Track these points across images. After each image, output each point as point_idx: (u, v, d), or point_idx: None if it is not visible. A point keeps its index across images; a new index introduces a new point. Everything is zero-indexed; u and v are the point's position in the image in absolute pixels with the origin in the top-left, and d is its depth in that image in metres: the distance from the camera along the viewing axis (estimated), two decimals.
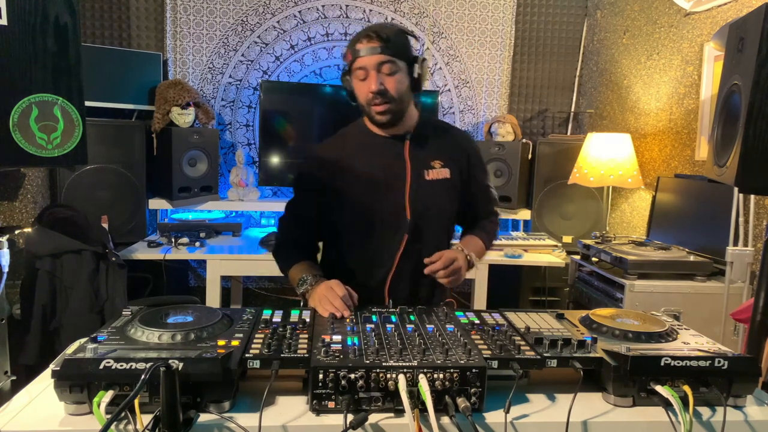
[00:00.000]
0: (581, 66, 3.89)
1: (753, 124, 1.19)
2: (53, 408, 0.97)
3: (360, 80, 1.52)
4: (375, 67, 1.49)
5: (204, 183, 3.32)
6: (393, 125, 1.59)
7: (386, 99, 1.51)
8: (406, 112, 1.60)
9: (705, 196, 2.57)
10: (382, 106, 1.52)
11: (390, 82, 1.51)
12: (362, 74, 1.51)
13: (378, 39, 1.48)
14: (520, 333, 1.17)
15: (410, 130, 1.63)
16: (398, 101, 1.54)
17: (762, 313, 1.39)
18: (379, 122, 1.57)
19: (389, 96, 1.51)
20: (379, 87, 1.49)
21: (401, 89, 1.54)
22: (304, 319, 1.22)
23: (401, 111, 1.57)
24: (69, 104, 1.11)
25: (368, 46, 1.48)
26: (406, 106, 1.59)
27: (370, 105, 1.53)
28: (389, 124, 1.58)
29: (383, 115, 1.54)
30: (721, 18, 2.56)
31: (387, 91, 1.51)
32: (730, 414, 1.02)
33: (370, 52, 1.48)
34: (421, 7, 3.72)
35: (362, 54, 1.49)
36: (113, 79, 3.24)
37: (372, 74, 1.49)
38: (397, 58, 1.51)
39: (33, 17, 1.05)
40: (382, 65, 1.49)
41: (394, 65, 1.51)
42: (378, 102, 1.51)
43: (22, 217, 2.92)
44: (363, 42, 1.49)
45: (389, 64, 1.50)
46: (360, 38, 1.50)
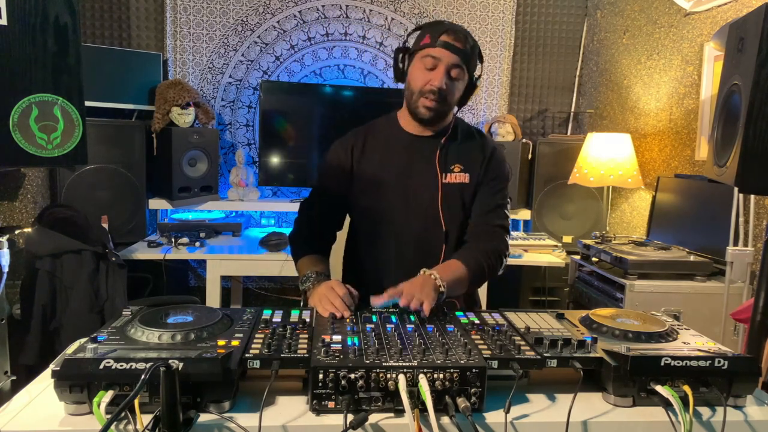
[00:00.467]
0: (581, 66, 3.89)
1: (753, 124, 1.19)
2: (53, 408, 0.96)
3: (426, 68, 1.51)
4: (448, 64, 1.49)
5: (204, 183, 3.32)
6: (429, 124, 1.59)
7: (441, 99, 1.51)
8: (446, 117, 1.62)
9: (705, 196, 2.57)
10: (434, 103, 1.52)
11: (452, 87, 1.52)
12: (431, 63, 1.50)
13: (465, 42, 1.49)
14: (520, 333, 1.17)
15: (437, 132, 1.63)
16: (448, 106, 1.56)
17: (762, 313, 1.39)
18: (420, 115, 1.56)
19: (444, 98, 1.52)
20: (443, 86, 1.49)
21: (456, 97, 1.56)
22: (304, 319, 1.22)
23: (444, 115, 1.59)
24: (69, 104, 1.11)
25: (454, 43, 1.48)
26: (448, 112, 1.61)
27: (421, 95, 1.52)
28: (427, 122, 1.58)
29: (429, 111, 1.54)
30: (721, 18, 2.56)
31: (446, 92, 1.51)
32: (730, 414, 1.02)
33: (453, 49, 1.48)
34: (421, 7, 3.72)
35: (444, 47, 1.47)
36: (113, 79, 3.24)
37: (442, 69, 1.49)
38: (467, 68, 1.53)
39: (33, 17, 1.05)
40: (454, 68, 1.50)
41: (462, 73, 1.52)
42: (432, 98, 1.51)
43: (22, 217, 2.92)
44: (449, 35, 1.48)
45: (460, 71, 1.51)
46: (447, 30, 1.49)
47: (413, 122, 1.61)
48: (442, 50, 1.48)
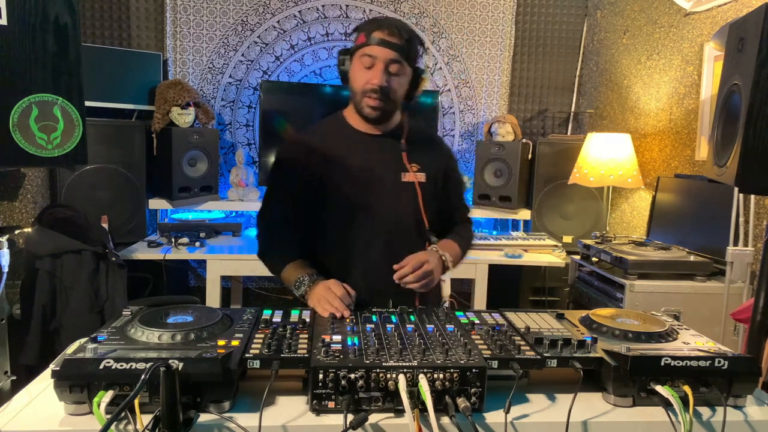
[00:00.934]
0: (581, 66, 3.89)
1: (753, 124, 1.19)
2: (53, 408, 0.97)
3: (364, 67, 1.49)
4: (385, 61, 1.47)
5: (204, 183, 3.32)
6: (377, 123, 1.57)
7: (383, 96, 1.49)
8: (393, 114, 1.59)
9: (705, 196, 2.57)
10: (377, 102, 1.50)
11: (393, 83, 1.50)
12: (369, 62, 1.48)
13: (399, 36, 1.46)
14: (520, 333, 1.17)
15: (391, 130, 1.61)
16: (393, 103, 1.53)
17: (762, 313, 1.39)
18: (366, 115, 1.54)
19: (388, 95, 1.50)
20: (383, 83, 1.47)
21: (400, 92, 1.53)
22: (304, 319, 1.22)
23: (391, 112, 1.57)
24: (69, 104, 1.11)
25: (388, 39, 1.46)
26: (395, 109, 1.58)
27: (364, 95, 1.50)
28: (374, 121, 1.56)
29: (374, 110, 1.52)
30: (721, 18, 2.56)
31: (388, 89, 1.49)
32: (730, 414, 1.02)
33: (387, 45, 1.45)
34: (421, 7, 3.72)
35: (378, 44, 1.46)
36: (113, 79, 3.24)
37: (379, 67, 1.47)
38: (407, 62, 1.50)
39: (33, 17, 1.05)
40: (392, 63, 1.47)
41: (402, 68, 1.49)
42: (375, 97, 1.49)
43: (22, 217, 2.92)
44: (383, 32, 1.46)
45: (399, 65, 1.48)
46: (381, 26, 1.47)
47: (365, 123, 1.59)
48: (377, 47, 1.45)
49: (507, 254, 3.04)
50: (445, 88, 3.83)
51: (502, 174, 3.46)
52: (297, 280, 1.48)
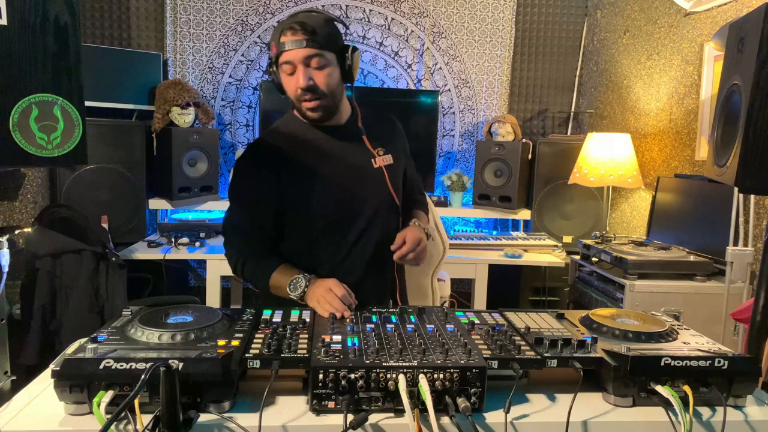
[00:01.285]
0: (581, 66, 3.89)
1: (753, 124, 1.19)
2: (53, 408, 0.96)
3: (287, 75, 1.45)
4: (302, 61, 1.41)
5: (204, 183, 3.32)
6: (326, 120, 1.53)
7: (317, 95, 1.44)
8: (339, 105, 1.54)
9: (705, 196, 2.57)
10: (313, 102, 1.46)
11: (319, 77, 1.43)
12: (289, 69, 1.43)
13: (303, 31, 1.39)
14: (520, 333, 1.17)
15: (347, 120, 1.58)
16: (330, 96, 1.47)
17: (762, 313, 1.39)
18: (310, 118, 1.51)
19: (320, 91, 1.44)
20: (308, 83, 1.42)
21: (332, 83, 1.46)
22: (304, 319, 1.22)
23: (334, 105, 1.51)
24: (69, 104, 1.11)
25: (293, 39, 1.39)
26: (338, 100, 1.52)
27: (300, 101, 1.47)
28: (321, 120, 1.52)
29: (314, 112, 1.48)
30: (721, 18, 2.56)
31: (317, 86, 1.43)
32: (730, 414, 1.02)
33: (296, 45, 1.39)
34: (421, 7, 3.72)
35: (288, 47, 1.40)
36: (113, 79, 3.24)
37: (300, 69, 1.42)
38: (325, 50, 1.42)
39: (33, 17, 1.05)
40: (310, 59, 1.41)
41: (322, 58, 1.42)
42: (308, 98, 1.45)
43: (22, 217, 2.92)
44: (287, 34, 1.40)
45: (318, 58, 1.42)
46: (284, 30, 1.41)
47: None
48: (290, 51, 1.40)
49: (507, 254, 3.04)
50: (445, 88, 3.83)
51: (502, 174, 3.46)
52: (291, 282, 1.41)
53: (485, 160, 3.50)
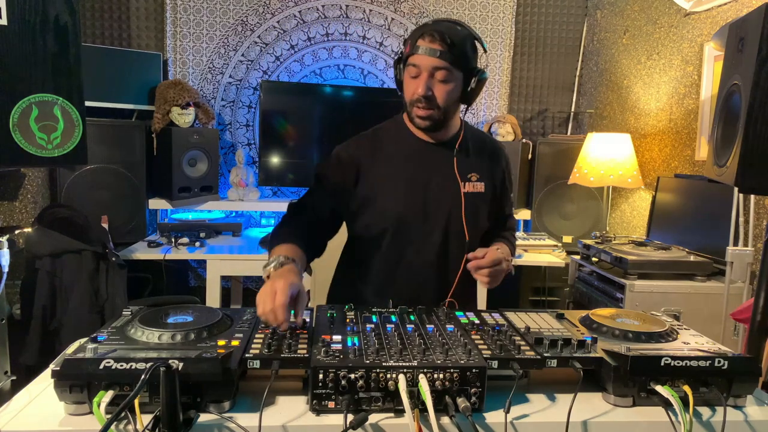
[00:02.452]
0: (581, 66, 3.89)
1: (753, 124, 1.19)
2: (53, 408, 0.97)
3: (411, 77, 1.45)
4: (429, 70, 1.42)
5: (204, 183, 3.32)
6: (433, 131, 1.53)
7: (431, 106, 1.45)
8: (449, 122, 1.54)
9: (705, 196, 2.57)
10: (425, 111, 1.46)
11: (440, 90, 1.44)
12: (414, 72, 1.44)
13: (441, 41, 1.40)
14: (520, 333, 1.17)
15: (450, 138, 1.57)
16: (443, 111, 1.47)
17: (762, 313, 1.39)
18: (417, 125, 1.51)
19: (435, 104, 1.45)
20: (427, 93, 1.43)
21: (450, 100, 1.46)
22: (304, 319, 1.22)
23: (444, 121, 1.51)
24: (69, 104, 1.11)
25: (429, 47, 1.40)
26: (450, 117, 1.52)
27: (413, 105, 1.47)
28: (428, 130, 1.52)
29: (424, 120, 1.48)
30: (721, 18, 2.56)
31: (434, 98, 1.44)
32: (730, 414, 1.02)
33: (428, 53, 1.40)
34: (421, 7, 3.72)
35: (420, 52, 1.41)
36: (113, 79, 3.24)
37: (424, 76, 1.42)
38: (454, 66, 1.43)
39: (33, 17, 1.05)
40: (437, 70, 1.42)
41: (449, 74, 1.43)
42: (422, 106, 1.45)
43: (22, 217, 2.92)
44: (425, 39, 1.41)
45: (444, 71, 1.42)
46: (423, 34, 1.41)
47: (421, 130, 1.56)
48: (421, 56, 1.41)
49: None
50: None
51: None
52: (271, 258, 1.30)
53: None
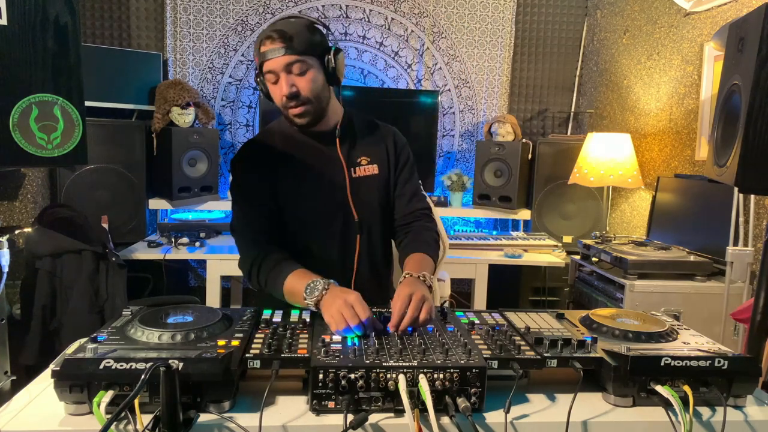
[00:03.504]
0: (581, 66, 3.89)
1: (753, 124, 1.19)
2: (53, 408, 0.96)
3: (272, 83, 1.45)
4: (283, 69, 1.41)
5: (204, 183, 3.32)
6: (314, 125, 1.52)
7: (301, 101, 1.45)
8: (326, 109, 1.53)
9: (705, 196, 2.57)
10: (298, 108, 1.45)
11: (302, 82, 1.43)
12: (273, 78, 1.44)
13: (281, 39, 1.39)
14: (520, 333, 1.17)
15: (335, 125, 1.56)
16: (315, 101, 1.47)
17: (762, 313, 1.39)
18: (298, 124, 1.50)
19: (303, 98, 1.44)
20: (291, 90, 1.42)
21: (316, 88, 1.46)
22: (304, 319, 1.22)
23: (321, 110, 1.50)
24: (69, 104, 1.11)
25: (272, 48, 1.40)
26: (325, 103, 1.51)
27: (286, 108, 1.47)
28: (310, 125, 1.51)
29: (301, 118, 1.48)
30: (721, 18, 2.56)
31: (300, 92, 1.43)
32: (730, 414, 1.02)
33: (275, 54, 1.40)
34: (421, 7, 3.72)
35: (268, 57, 1.40)
36: (113, 79, 3.25)
37: (282, 77, 1.42)
38: (305, 55, 1.42)
39: (33, 17, 1.05)
40: (291, 66, 1.41)
41: (303, 64, 1.42)
42: (293, 105, 1.45)
43: (22, 217, 2.92)
44: (267, 44, 1.41)
45: (298, 64, 1.42)
46: (263, 39, 1.42)
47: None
48: (270, 61, 1.41)
49: (507, 254, 3.04)
50: (445, 88, 3.83)
51: (502, 174, 3.46)
52: (308, 286, 1.29)
53: (485, 160, 3.50)
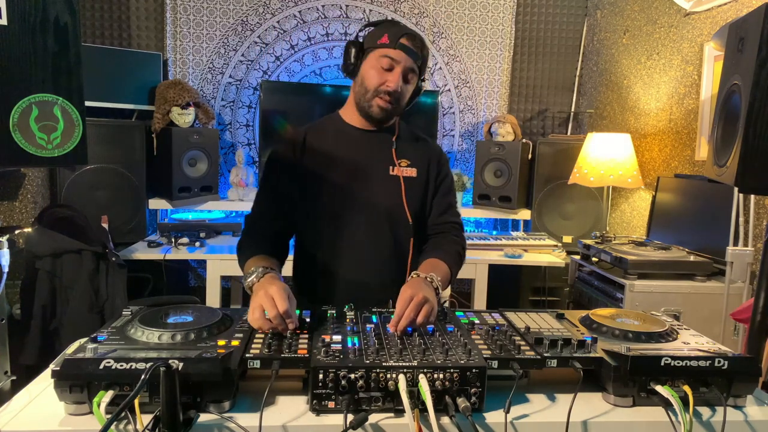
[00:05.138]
0: (581, 66, 3.89)
1: (753, 124, 1.19)
2: (53, 408, 0.96)
3: (382, 68, 1.50)
4: (405, 69, 1.50)
5: (204, 183, 3.32)
6: (380, 123, 1.59)
7: (394, 100, 1.52)
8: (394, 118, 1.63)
9: (705, 196, 2.57)
10: (388, 104, 1.52)
11: (406, 89, 1.54)
12: (387, 64, 1.49)
13: (420, 46, 1.51)
14: (520, 333, 1.17)
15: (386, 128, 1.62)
16: (399, 108, 1.56)
17: (762, 313, 1.39)
18: (374, 115, 1.55)
19: (398, 100, 1.53)
20: (398, 89, 1.50)
21: (406, 98, 1.57)
22: (304, 319, 1.22)
23: (394, 116, 1.60)
24: (69, 104, 1.11)
25: (412, 47, 1.49)
26: (399, 114, 1.61)
27: (376, 95, 1.51)
28: (378, 121, 1.57)
29: (382, 111, 1.54)
30: (721, 18, 2.56)
31: (400, 95, 1.52)
32: (730, 414, 1.02)
33: (410, 53, 1.49)
34: (421, 7, 3.72)
35: (403, 49, 1.48)
36: (113, 79, 3.24)
37: (398, 72, 1.49)
38: (418, 73, 1.55)
39: (33, 17, 1.05)
40: (410, 70, 1.51)
41: (414, 77, 1.54)
42: (388, 99, 1.51)
43: (22, 217, 2.92)
44: (409, 39, 1.49)
45: (414, 74, 1.53)
46: (406, 33, 1.50)
47: (361, 119, 1.59)
48: (401, 53, 1.48)
49: (507, 254, 3.04)
50: (445, 88, 3.83)
51: (502, 174, 3.46)
52: (249, 271, 1.34)
53: (485, 160, 3.50)
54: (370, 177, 1.58)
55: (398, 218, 1.57)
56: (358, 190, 1.57)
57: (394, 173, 1.59)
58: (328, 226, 1.58)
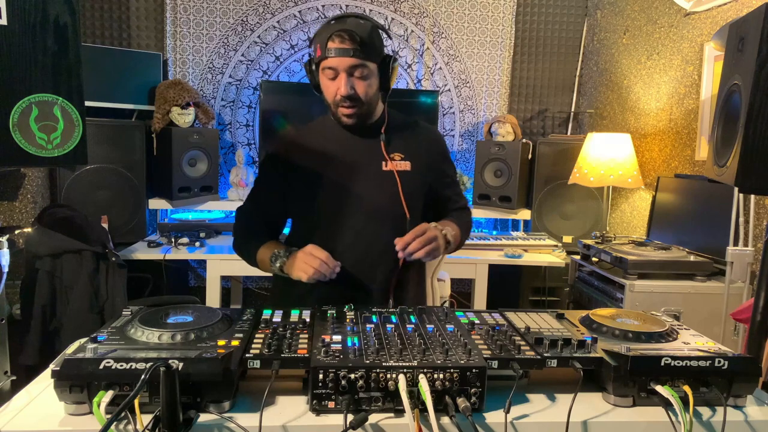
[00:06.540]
0: (581, 66, 3.89)
1: (753, 124, 1.19)
2: (53, 408, 0.96)
3: (329, 79, 1.48)
4: (346, 70, 1.44)
5: (204, 183, 3.32)
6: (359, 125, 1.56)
7: (355, 103, 1.48)
8: (373, 112, 1.58)
9: (705, 196, 2.57)
10: (350, 109, 1.49)
11: (360, 86, 1.47)
12: (331, 74, 1.47)
13: (351, 40, 1.42)
14: (520, 333, 1.17)
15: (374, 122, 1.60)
16: (367, 104, 1.51)
17: (762, 313, 1.39)
18: (344, 123, 1.54)
19: (359, 100, 1.48)
20: (350, 92, 1.46)
21: (371, 92, 1.50)
22: (304, 319, 1.22)
23: (369, 113, 1.55)
24: (69, 104, 1.11)
25: (340, 47, 1.42)
26: (374, 108, 1.56)
27: (337, 106, 1.50)
28: (355, 125, 1.55)
29: (350, 118, 1.51)
30: (721, 18, 2.56)
31: (357, 95, 1.47)
32: (730, 414, 1.02)
33: (342, 54, 1.42)
34: (421, 7, 3.72)
35: (333, 54, 1.43)
36: (113, 79, 3.25)
37: (342, 76, 1.45)
38: (369, 61, 1.46)
39: (33, 17, 1.05)
40: (354, 69, 1.45)
41: (366, 69, 1.46)
42: (347, 105, 1.48)
43: (22, 217, 2.92)
44: (335, 41, 1.42)
45: (361, 69, 1.45)
46: (332, 35, 1.43)
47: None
48: (334, 59, 1.43)
49: (507, 254, 3.04)
50: (445, 88, 3.83)
51: (502, 174, 3.46)
52: (272, 255, 1.48)
53: (485, 160, 3.50)
54: (363, 176, 1.57)
55: (396, 214, 1.56)
56: (352, 189, 1.56)
57: (388, 168, 1.57)
58: (323, 226, 1.57)
